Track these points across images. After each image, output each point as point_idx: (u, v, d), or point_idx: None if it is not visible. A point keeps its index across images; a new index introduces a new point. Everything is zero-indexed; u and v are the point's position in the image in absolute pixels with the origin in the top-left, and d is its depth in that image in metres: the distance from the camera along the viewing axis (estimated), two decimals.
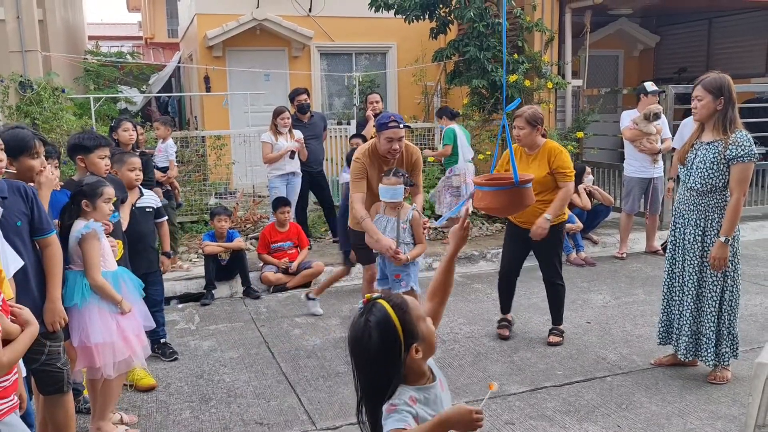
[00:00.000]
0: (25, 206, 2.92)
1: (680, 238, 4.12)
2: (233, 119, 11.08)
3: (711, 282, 4.01)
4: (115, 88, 13.49)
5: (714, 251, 3.91)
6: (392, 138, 4.35)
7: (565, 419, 3.68)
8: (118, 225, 4.05)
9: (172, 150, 6.96)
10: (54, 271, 3.05)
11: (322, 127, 8.07)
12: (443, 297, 2.24)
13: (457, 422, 1.77)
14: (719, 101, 3.91)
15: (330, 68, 12.17)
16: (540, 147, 4.70)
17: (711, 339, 4.03)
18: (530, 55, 9.05)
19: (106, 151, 3.89)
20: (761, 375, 3.23)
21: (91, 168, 3.86)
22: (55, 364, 3.03)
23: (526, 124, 4.61)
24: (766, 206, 8.94)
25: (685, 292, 4.10)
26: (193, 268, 6.81)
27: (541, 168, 4.61)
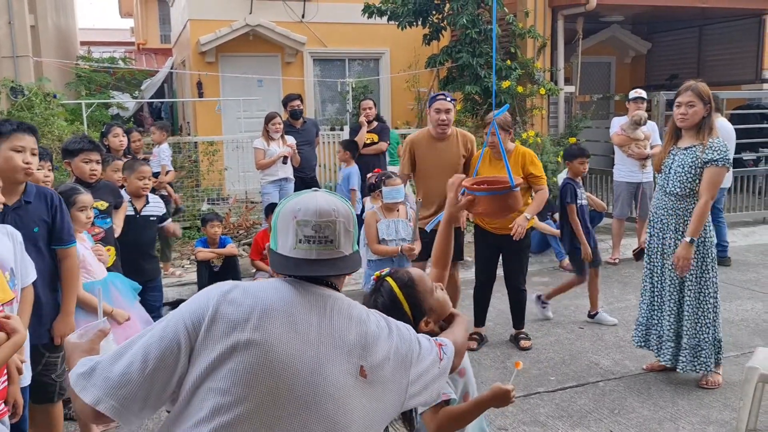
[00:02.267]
0: (47, 214, 2.90)
1: (659, 243, 4.14)
2: (226, 125, 11.07)
3: (688, 287, 4.03)
4: (107, 94, 13.47)
5: (679, 251, 3.93)
6: (440, 109, 4.66)
7: (558, 424, 3.68)
8: (110, 231, 4.03)
9: (165, 155, 6.95)
10: (71, 283, 3.02)
11: (315, 133, 8.06)
12: (445, 262, 2.48)
13: (493, 400, 2.07)
14: (706, 108, 3.95)
15: (323, 74, 12.19)
16: (512, 151, 4.70)
17: (690, 346, 4.05)
18: (523, 62, 9.10)
19: (92, 155, 3.83)
20: (752, 379, 3.24)
21: (75, 172, 3.83)
22: (50, 375, 3.00)
23: (503, 129, 4.59)
24: (757, 212, 8.99)
25: (666, 299, 4.11)
26: (185, 275, 6.79)
27: (513, 173, 4.57)
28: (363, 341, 1.53)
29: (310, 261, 1.53)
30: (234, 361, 1.41)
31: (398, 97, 11.99)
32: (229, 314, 1.45)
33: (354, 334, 1.53)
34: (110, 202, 4.05)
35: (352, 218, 1.61)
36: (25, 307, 2.69)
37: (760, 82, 11.29)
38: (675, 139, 4.11)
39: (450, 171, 4.67)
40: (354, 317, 1.56)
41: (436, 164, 4.77)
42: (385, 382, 1.55)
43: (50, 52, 10.63)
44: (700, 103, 3.93)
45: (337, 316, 1.53)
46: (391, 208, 4.47)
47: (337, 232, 1.55)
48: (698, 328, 4.03)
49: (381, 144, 7.79)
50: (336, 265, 1.56)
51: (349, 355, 1.50)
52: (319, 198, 1.57)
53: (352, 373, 1.49)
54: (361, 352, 1.52)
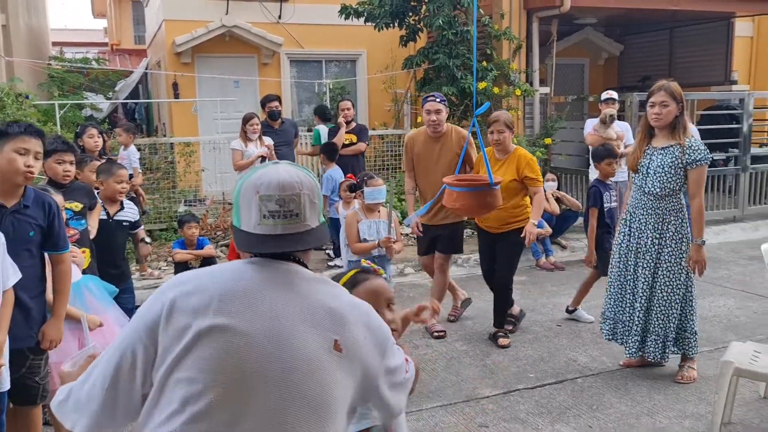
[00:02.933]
0: (44, 219, 2.91)
1: (634, 242, 4.21)
2: (202, 126, 10.99)
3: (664, 283, 4.11)
4: (80, 95, 13.28)
5: (693, 255, 4.02)
6: (430, 110, 4.92)
7: (537, 421, 3.73)
8: (85, 233, 3.99)
9: (135, 157, 6.87)
10: (63, 289, 3.03)
11: (293, 134, 8.06)
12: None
13: None
14: (679, 107, 4.02)
15: (300, 75, 12.16)
16: (510, 153, 4.81)
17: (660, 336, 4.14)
18: (499, 63, 9.18)
19: (65, 156, 3.79)
20: (726, 373, 3.32)
21: (48, 173, 3.79)
22: (34, 378, 2.97)
23: (505, 127, 4.76)
24: (727, 210, 9.18)
25: (639, 295, 4.18)
26: (163, 276, 6.73)
27: (509, 173, 4.71)
28: (336, 315, 1.48)
29: (276, 236, 1.48)
30: (199, 349, 1.39)
31: (375, 98, 12.01)
32: (188, 304, 1.44)
33: (325, 308, 1.48)
34: (84, 203, 4.00)
35: (316, 190, 1.55)
36: (5, 310, 2.66)
37: (729, 83, 11.53)
38: (649, 139, 4.18)
39: (446, 167, 4.94)
40: (325, 291, 1.52)
41: (433, 161, 5.02)
42: (362, 360, 1.50)
43: (22, 52, 10.45)
44: (673, 103, 4.01)
45: (305, 291, 1.49)
46: (372, 209, 4.47)
47: (302, 205, 1.49)
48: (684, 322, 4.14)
49: (359, 144, 7.80)
50: (303, 239, 1.51)
51: (321, 329, 1.45)
52: (281, 171, 1.51)
53: (325, 347, 1.44)
54: (334, 326, 1.47)
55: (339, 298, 1.54)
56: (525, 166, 4.72)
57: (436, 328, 5.10)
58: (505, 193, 4.55)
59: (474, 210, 3.90)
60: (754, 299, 5.95)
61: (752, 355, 3.48)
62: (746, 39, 12.94)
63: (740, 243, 8.31)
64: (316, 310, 1.47)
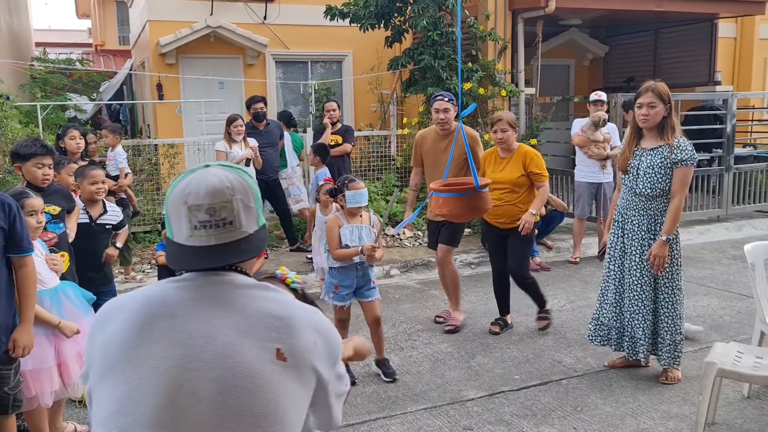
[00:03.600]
0: (5, 221, 2.82)
1: (629, 244, 4.20)
2: (187, 127, 10.90)
3: (665, 285, 4.11)
4: (63, 96, 13.14)
5: (655, 249, 4.01)
6: (438, 109, 5.09)
7: (522, 423, 3.72)
8: (64, 236, 3.93)
9: (121, 158, 6.80)
10: (29, 292, 2.95)
11: (278, 135, 8.01)
12: None
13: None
14: (667, 108, 4.02)
15: (286, 76, 12.11)
16: (515, 150, 4.95)
17: (665, 339, 4.14)
18: (484, 64, 9.18)
19: (44, 160, 3.73)
20: (710, 374, 3.32)
21: (27, 177, 3.73)
22: (3, 389, 2.91)
23: (508, 126, 4.91)
24: (711, 210, 9.24)
25: (641, 299, 4.16)
26: (146, 279, 6.66)
27: (516, 170, 4.88)
28: (280, 322, 1.38)
29: (211, 248, 1.37)
30: (128, 381, 1.31)
31: (361, 99, 11.98)
32: (109, 338, 1.35)
33: (266, 316, 1.37)
34: (63, 206, 3.94)
35: (251, 192, 1.43)
36: None
37: (713, 84, 11.61)
38: (638, 139, 4.18)
39: (454, 166, 5.08)
40: (266, 298, 1.41)
41: (441, 159, 5.15)
42: (314, 366, 1.41)
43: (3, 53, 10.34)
44: (660, 104, 4.01)
45: (242, 302, 1.38)
46: (354, 213, 4.32)
47: (235, 212, 1.38)
48: (676, 324, 4.13)
49: (345, 145, 7.77)
50: (240, 249, 1.40)
51: (261, 339, 1.35)
52: (210, 176, 1.38)
53: (267, 358, 1.34)
54: (278, 334, 1.37)
55: (283, 303, 1.44)
56: (530, 162, 4.89)
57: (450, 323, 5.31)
58: (514, 187, 4.89)
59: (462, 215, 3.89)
60: (738, 299, 5.98)
61: (735, 356, 3.49)
62: (730, 40, 13.04)
63: (724, 243, 8.37)
64: (255, 319, 1.37)
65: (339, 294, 4.26)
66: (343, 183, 4.32)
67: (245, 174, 1.45)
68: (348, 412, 3.88)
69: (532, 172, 4.89)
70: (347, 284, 4.25)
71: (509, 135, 4.92)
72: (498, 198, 4.88)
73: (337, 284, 4.25)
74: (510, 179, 4.90)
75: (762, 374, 3.29)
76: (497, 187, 4.88)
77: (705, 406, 3.35)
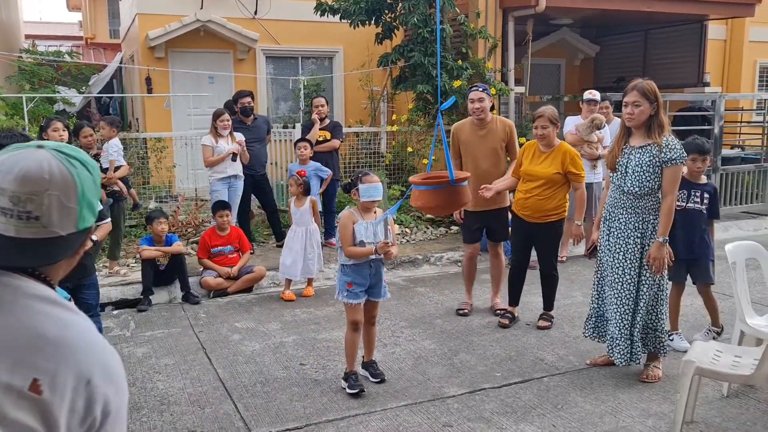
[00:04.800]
0: None
1: (616, 242, 4.19)
2: (176, 122, 10.84)
3: (648, 284, 4.11)
4: (51, 89, 13.03)
5: (653, 252, 4.01)
6: (473, 99, 5.27)
7: (502, 420, 3.71)
8: None
9: (112, 150, 6.73)
10: None
11: (266, 131, 7.98)
12: None
13: None
14: (653, 106, 4.01)
15: (276, 72, 12.06)
16: (555, 147, 5.02)
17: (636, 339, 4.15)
18: (474, 62, 9.17)
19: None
20: (688, 372, 3.33)
21: None
22: None
23: (548, 122, 4.97)
24: None
25: (624, 297, 4.16)
26: (130, 273, 6.62)
27: (554, 166, 4.98)
28: (51, 347, 1.12)
29: (9, 239, 1.15)
30: None
31: (352, 96, 11.95)
32: None
33: (36, 337, 1.12)
34: None
35: (74, 189, 1.19)
36: None
37: (702, 85, 11.66)
38: (627, 137, 4.18)
39: (491, 156, 5.34)
40: (49, 316, 1.15)
41: (478, 149, 5.35)
42: (56, 415, 1.09)
43: None
44: (645, 102, 4.00)
45: (18, 314, 1.14)
46: (368, 208, 4.08)
47: (44, 207, 1.15)
48: (653, 314, 4.14)
49: (334, 141, 7.75)
50: (44, 250, 1.17)
51: (19, 364, 1.09)
52: (30, 160, 1.17)
53: (17, 387, 1.07)
54: (43, 360, 1.10)
55: (69, 327, 1.16)
56: (570, 162, 4.95)
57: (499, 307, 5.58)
58: (549, 183, 4.97)
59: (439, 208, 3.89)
60: (721, 299, 5.99)
61: (714, 355, 3.50)
62: (719, 42, 13.11)
63: None
64: (22, 338, 1.11)
65: (352, 292, 4.06)
66: (356, 177, 4.12)
67: (85, 167, 1.23)
68: (327, 408, 3.87)
69: (570, 171, 4.95)
70: (360, 282, 4.07)
71: (550, 131, 4.97)
72: (528, 191, 5.02)
73: (350, 282, 4.07)
74: (546, 174, 4.96)
75: (740, 373, 3.30)
76: (530, 179, 5.03)
77: (683, 405, 3.36)
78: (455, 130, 5.52)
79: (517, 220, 5.23)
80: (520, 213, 5.16)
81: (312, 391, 4.12)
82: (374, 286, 4.15)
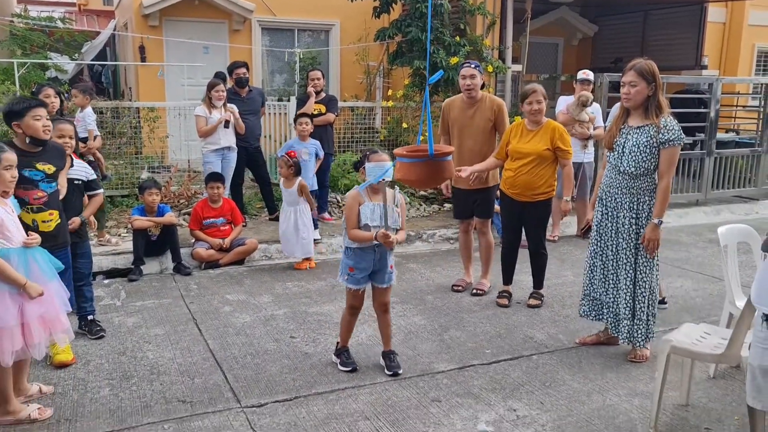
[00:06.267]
0: None
1: (612, 222, 4.19)
2: (169, 92, 10.72)
3: (642, 265, 4.12)
4: (43, 55, 12.84)
5: (648, 233, 4.01)
6: (465, 75, 5.20)
7: (490, 396, 3.74)
8: (55, 195, 3.91)
9: (90, 119, 6.65)
10: None
11: (261, 103, 7.90)
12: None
13: None
14: (651, 87, 3.98)
15: (272, 44, 11.92)
16: (543, 124, 5.00)
17: (642, 319, 4.16)
18: (472, 39, 9.09)
19: (39, 111, 3.74)
20: (664, 351, 3.35)
21: (28, 132, 3.74)
22: None
23: (544, 99, 4.97)
24: (691, 194, 9.30)
25: (622, 277, 4.17)
26: (121, 243, 6.59)
27: (542, 143, 4.96)
28: None
29: None
30: None
31: (347, 70, 11.84)
32: None
33: None
34: (58, 166, 3.93)
35: None
36: None
37: (700, 68, 11.61)
38: (625, 117, 4.15)
39: (479, 135, 5.29)
40: None
41: (467, 127, 5.30)
42: None
43: None
44: (642, 82, 3.96)
45: None
46: (377, 190, 3.84)
47: None
48: (649, 304, 4.15)
49: (328, 115, 7.69)
50: None
51: None
52: None
53: None
54: None
55: None
56: (558, 138, 4.95)
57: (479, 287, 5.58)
58: (538, 160, 4.94)
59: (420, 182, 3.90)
60: (711, 282, 6.05)
61: (701, 336, 3.51)
62: (719, 25, 13.03)
63: (701, 226, 8.44)
64: None
65: (354, 276, 3.88)
66: (365, 154, 3.93)
67: None
68: (317, 381, 3.89)
69: (559, 147, 4.94)
70: (363, 267, 3.87)
71: (543, 107, 4.97)
72: (518, 168, 5.01)
73: (352, 266, 3.88)
74: (536, 150, 4.94)
75: (712, 352, 3.31)
76: (519, 157, 5.00)
77: (660, 383, 3.36)
78: (445, 106, 5.47)
79: (506, 199, 5.21)
80: (509, 192, 5.14)
81: (302, 363, 4.13)
82: (378, 271, 3.93)
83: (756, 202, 9.59)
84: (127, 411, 3.50)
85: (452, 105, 5.43)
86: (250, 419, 3.43)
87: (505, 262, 5.43)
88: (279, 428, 3.35)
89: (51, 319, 3.29)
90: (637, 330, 4.17)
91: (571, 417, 3.52)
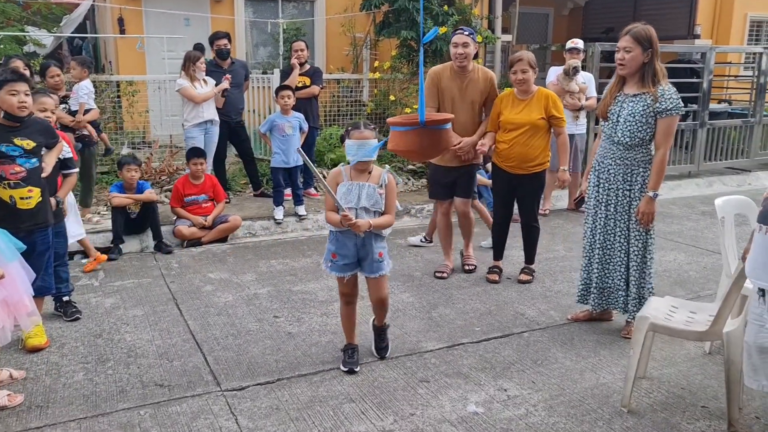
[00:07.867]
0: None
1: (604, 194, 4.04)
2: (150, 65, 10.42)
3: (635, 237, 3.99)
4: (19, 27, 12.45)
5: (642, 206, 3.87)
6: (457, 43, 4.82)
7: (480, 376, 3.62)
8: (36, 171, 3.71)
9: (82, 92, 6.41)
10: None
11: (244, 76, 7.66)
12: None
13: None
14: (647, 54, 3.80)
15: (255, 15, 11.60)
16: (534, 93, 4.80)
17: (638, 295, 4.04)
18: (461, 8, 8.87)
19: (17, 86, 3.52)
20: (642, 328, 3.23)
21: (2, 106, 3.51)
22: None
23: (528, 66, 4.71)
24: (683, 166, 9.18)
25: (617, 249, 4.05)
26: (101, 221, 6.40)
27: (534, 112, 4.76)
28: None
29: None
30: None
31: (333, 42, 11.54)
32: None
33: None
34: (39, 141, 3.72)
35: None
36: None
37: (692, 37, 11.43)
38: (621, 85, 3.97)
39: (470, 106, 4.98)
40: None
41: (457, 100, 4.95)
42: None
43: None
44: (638, 48, 3.79)
45: None
46: (361, 169, 3.46)
47: None
48: (644, 277, 4.02)
49: (313, 87, 7.47)
50: None
51: None
52: None
53: None
54: None
55: None
56: (552, 105, 4.77)
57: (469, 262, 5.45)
58: (533, 130, 4.76)
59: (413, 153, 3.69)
60: (705, 254, 5.94)
61: (669, 311, 3.39)
62: None
63: (694, 198, 8.33)
64: None
65: (336, 263, 3.54)
66: (347, 129, 3.49)
67: None
68: (301, 362, 3.75)
69: (553, 115, 4.76)
70: (344, 253, 3.52)
71: (530, 76, 4.73)
72: (511, 140, 4.81)
73: (335, 252, 3.54)
74: (530, 120, 4.74)
75: (694, 329, 3.19)
76: (512, 128, 4.80)
77: (635, 360, 3.25)
78: (433, 74, 4.99)
79: (498, 172, 5.02)
80: (502, 165, 4.95)
81: (285, 344, 3.99)
82: (364, 259, 3.55)
83: (748, 174, 9.49)
84: (101, 396, 3.35)
85: (441, 74, 4.97)
86: (231, 403, 3.30)
87: (496, 236, 5.27)
88: (260, 412, 3.21)
89: (14, 302, 3.12)
90: (631, 301, 4.06)
91: (563, 396, 3.41)
